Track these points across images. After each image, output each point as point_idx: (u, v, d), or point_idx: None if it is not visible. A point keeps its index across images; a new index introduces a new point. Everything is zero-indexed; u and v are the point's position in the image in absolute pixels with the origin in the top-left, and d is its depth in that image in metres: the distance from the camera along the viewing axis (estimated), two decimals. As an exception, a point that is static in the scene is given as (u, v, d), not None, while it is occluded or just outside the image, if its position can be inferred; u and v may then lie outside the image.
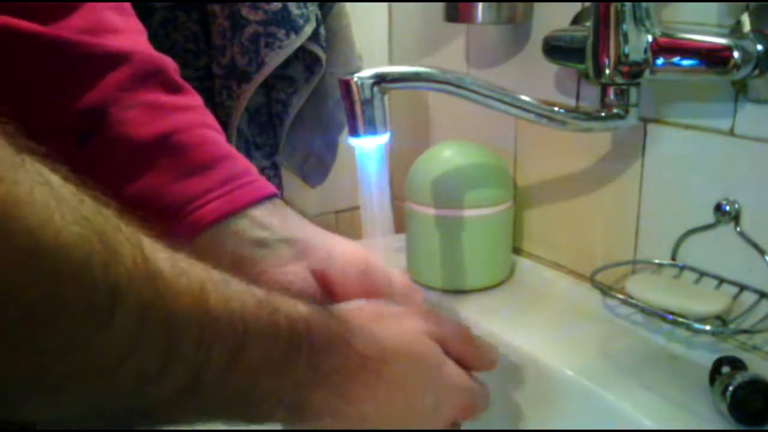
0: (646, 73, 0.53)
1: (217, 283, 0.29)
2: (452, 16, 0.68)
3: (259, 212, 0.43)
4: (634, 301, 0.56)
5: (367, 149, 0.49)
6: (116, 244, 0.24)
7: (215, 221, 0.42)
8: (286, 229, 0.44)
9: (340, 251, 0.45)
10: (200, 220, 0.42)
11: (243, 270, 0.44)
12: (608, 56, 0.53)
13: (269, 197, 0.44)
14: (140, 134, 0.42)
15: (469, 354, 0.43)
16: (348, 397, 0.35)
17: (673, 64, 0.52)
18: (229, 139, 0.74)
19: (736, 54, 0.49)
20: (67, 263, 0.22)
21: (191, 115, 0.44)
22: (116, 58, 0.42)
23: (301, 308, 0.33)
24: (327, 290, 0.44)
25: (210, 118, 0.46)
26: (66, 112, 0.41)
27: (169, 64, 0.46)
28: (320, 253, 0.44)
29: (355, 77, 0.48)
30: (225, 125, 0.74)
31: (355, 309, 0.38)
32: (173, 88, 0.45)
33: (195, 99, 0.46)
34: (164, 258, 0.26)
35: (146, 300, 0.25)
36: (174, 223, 0.42)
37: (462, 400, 0.41)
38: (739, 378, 0.46)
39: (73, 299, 0.22)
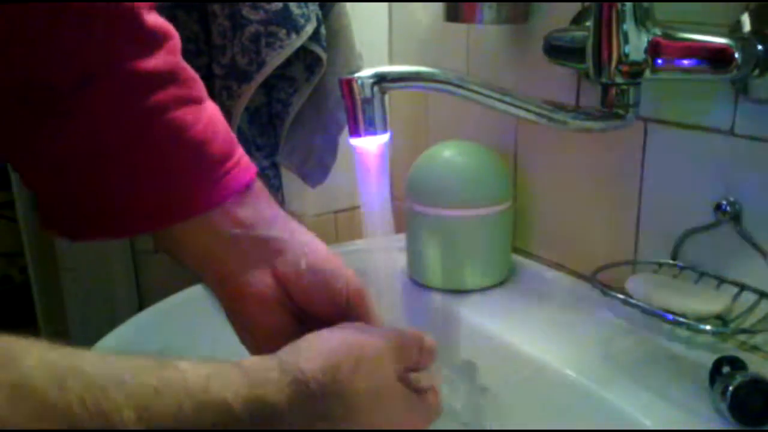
0: (646, 73, 0.53)
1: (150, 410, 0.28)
2: (452, 16, 0.68)
3: (233, 205, 0.43)
4: (634, 301, 0.56)
5: (367, 149, 0.49)
6: None
7: (187, 218, 0.42)
8: (258, 226, 0.43)
9: (309, 255, 0.44)
10: (172, 217, 0.42)
11: (212, 270, 0.43)
12: (608, 56, 0.53)
13: (246, 185, 0.44)
14: (110, 120, 0.40)
15: (424, 362, 0.42)
16: None
17: (673, 64, 0.52)
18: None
19: (736, 54, 0.49)
20: None
21: (167, 90, 0.42)
22: (81, 15, 0.38)
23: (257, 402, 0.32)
24: (290, 296, 0.44)
25: (187, 86, 0.43)
26: (18, 77, 0.38)
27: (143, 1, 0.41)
28: (289, 256, 0.44)
29: (355, 77, 0.48)
30: (225, 125, 0.74)
31: (327, 371, 0.36)
32: (148, 41, 0.41)
33: (169, 50, 0.43)
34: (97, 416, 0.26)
35: None
36: (146, 215, 0.42)
37: (418, 421, 0.41)
38: (739, 378, 0.46)
39: None
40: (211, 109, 0.45)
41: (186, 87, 0.43)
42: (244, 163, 0.44)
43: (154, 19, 0.42)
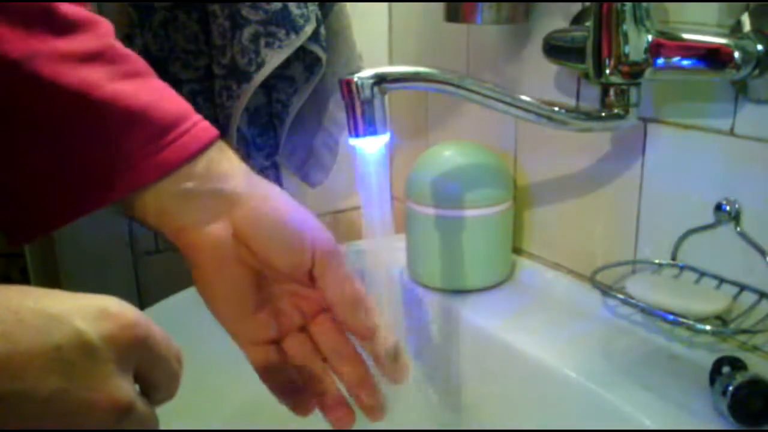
0: (646, 73, 0.53)
1: None
2: (452, 16, 0.68)
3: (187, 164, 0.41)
4: (634, 301, 0.56)
5: (367, 149, 0.49)
6: None
7: (133, 190, 0.40)
8: (213, 179, 0.41)
9: (269, 209, 0.42)
10: (114, 192, 0.40)
11: (168, 226, 0.41)
12: (608, 56, 0.53)
13: (198, 151, 0.41)
14: (41, 103, 0.38)
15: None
16: None
17: (673, 64, 0.52)
18: (229, 139, 0.74)
19: (736, 54, 0.49)
20: None
21: (97, 67, 0.40)
22: None
23: None
24: (250, 252, 0.41)
25: (122, 62, 0.41)
26: None
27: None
28: (246, 209, 0.41)
29: (355, 77, 0.48)
30: (225, 125, 0.74)
31: None
32: (68, 27, 0.39)
33: (99, 34, 0.41)
34: None
35: None
36: (94, 187, 0.40)
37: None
38: (739, 378, 0.46)
39: None
40: (156, 82, 0.43)
41: (121, 63, 0.41)
42: (197, 130, 0.42)
43: (72, 9, 0.40)
